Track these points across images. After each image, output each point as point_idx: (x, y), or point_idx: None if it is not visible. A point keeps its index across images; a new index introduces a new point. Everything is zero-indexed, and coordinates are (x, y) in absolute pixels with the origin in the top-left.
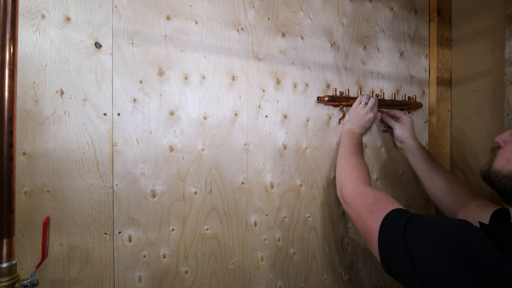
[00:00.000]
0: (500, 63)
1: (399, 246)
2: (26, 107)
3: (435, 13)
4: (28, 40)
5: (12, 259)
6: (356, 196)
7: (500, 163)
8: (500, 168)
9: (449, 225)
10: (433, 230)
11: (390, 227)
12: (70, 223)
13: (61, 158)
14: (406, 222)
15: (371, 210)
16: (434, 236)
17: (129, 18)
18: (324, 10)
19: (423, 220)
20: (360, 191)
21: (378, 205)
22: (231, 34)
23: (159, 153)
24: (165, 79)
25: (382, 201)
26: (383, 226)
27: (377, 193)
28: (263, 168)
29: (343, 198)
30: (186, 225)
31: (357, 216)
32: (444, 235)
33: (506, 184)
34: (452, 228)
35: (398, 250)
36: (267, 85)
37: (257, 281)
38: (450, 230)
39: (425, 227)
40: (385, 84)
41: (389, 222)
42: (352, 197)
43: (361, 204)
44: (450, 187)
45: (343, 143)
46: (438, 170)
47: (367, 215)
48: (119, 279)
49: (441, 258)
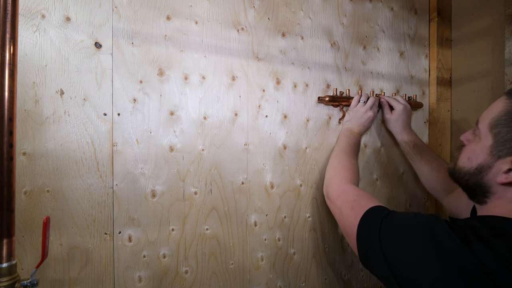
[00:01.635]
0: (500, 63)
1: (374, 242)
2: (26, 107)
3: (435, 13)
4: (28, 40)
5: (12, 259)
6: (340, 193)
7: (462, 161)
8: (463, 165)
9: (418, 221)
10: (403, 228)
11: (368, 225)
12: (70, 223)
13: (61, 158)
14: (381, 221)
15: (352, 206)
16: (404, 233)
17: (129, 18)
18: (324, 10)
19: (396, 218)
20: (344, 189)
21: (358, 202)
22: (231, 34)
23: (159, 153)
24: (165, 79)
25: (363, 198)
26: (361, 223)
27: (359, 191)
28: (263, 168)
29: (327, 194)
30: (186, 225)
31: (339, 212)
32: (412, 232)
33: (468, 181)
34: (420, 224)
35: (373, 246)
36: (267, 85)
37: (257, 281)
38: (419, 226)
39: (397, 225)
40: (385, 84)
41: (367, 219)
42: (336, 194)
43: (343, 201)
44: (436, 176)
45: (340, 141)
46: (426, 160)
47: (348, 212)
48: (119, 279)
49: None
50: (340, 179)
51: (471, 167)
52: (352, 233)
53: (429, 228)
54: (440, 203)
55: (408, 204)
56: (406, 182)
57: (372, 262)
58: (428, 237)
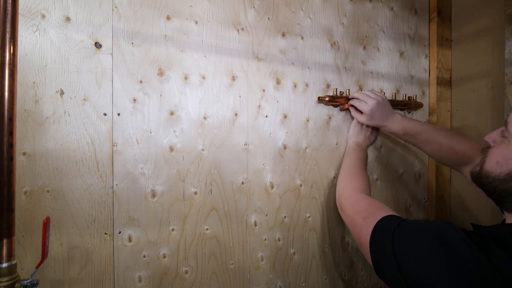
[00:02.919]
0: (500, 63)
1: (387, 252)
2: (26, 107)
3: (435, 13)
4: (28, 40)
5: (12, 259)
6: (353, 203)
7: (490, 165)
8: (490, 170)
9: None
10: (417, 236)
11: (380, 234)
12: (70, 223)
13: (61, 158)
14: (394, 229)
15: (364, 216)
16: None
17: (129, 18)
18: (324, 10)
19: (409, 226)
20: (356, 198)
21: (371, 212)
22: (231, 34)
23: (159, 153)
24: (165, 79)
25: (375, 208)
26: (374, 232)
27: (371, 201)
28: (263, 168)
29: (340, 205)
30: (186, 225)
31: (352, 223)
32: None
33: (496, 187)
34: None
35: (387, 256)
36: (267, 85)
37: (257, 281)
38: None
39: (410, 233)
40: (385, 84)
41: (379, 228)
42: (349, 204)
43: (356, 211)
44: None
45: (348, 155)
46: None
47: (361, 222)
48: (119, 279)
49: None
50: (351, 189)
51: (500, 172)
52: (366, 243)
53: (443, 235)
54: (440, 203)
55: (408, 204)
56: (406, 182)
57: (386, 272)
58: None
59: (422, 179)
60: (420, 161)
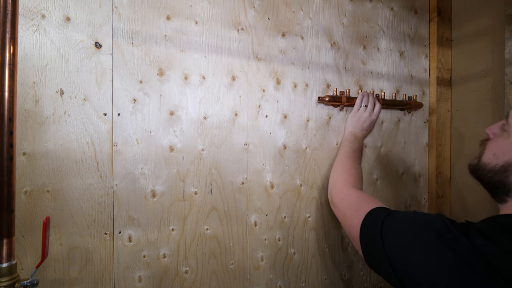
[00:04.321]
0: (500, 63)
1: (376, 240)
2: (26, 107)
3: (435, 13)
4: (28, 40)
5: (12, 259)
6: (343, 197)
7: (487, 157)
8: (487, 161)
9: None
10: (404, 226)
11: (370, 224)
12: (70, 223)
13: (61, 158)
14: (383, 220)
15: (355, 209)
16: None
17: (129, 18)
18: (324, 10)
19: (397, 217)
20: (347, 193)
21: (361, 204)
22: (231, 34)
23: (159, 153)
24: (165, 79)
25: (365, 200)
26: (364, 222)
27: (362, 194)
28: (263, 168)
29: (331, 199)
30: (186, 225)
31: (343, 216)
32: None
33: (491, 178)
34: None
35: (375, 244)
36: (267, 85)
37: (257, 281)
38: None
39: (398, 223)
40: (385, 84)
41: (369, 218)
42: (339, 198)
43: (346, 204)
44: None
45: (343, 146)
46: None
47: (351, 214)
48: (119, 279)
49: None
50: (343, 183)
51: (496, 163)
52: (356, 234)
53: (430, 224)
54: (440, 203)
55: (408, 204)
56: (406, 182)
57: (376, 262)
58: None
59: (422, 179)
60: (420, 161)
